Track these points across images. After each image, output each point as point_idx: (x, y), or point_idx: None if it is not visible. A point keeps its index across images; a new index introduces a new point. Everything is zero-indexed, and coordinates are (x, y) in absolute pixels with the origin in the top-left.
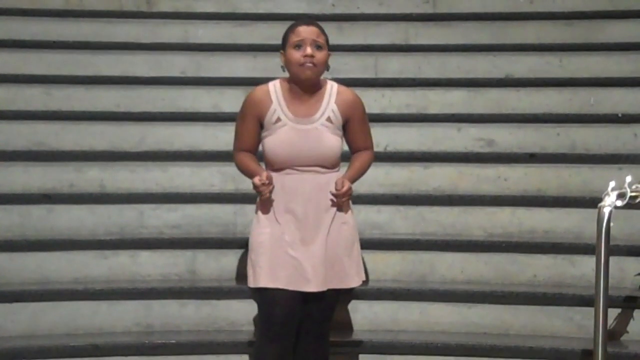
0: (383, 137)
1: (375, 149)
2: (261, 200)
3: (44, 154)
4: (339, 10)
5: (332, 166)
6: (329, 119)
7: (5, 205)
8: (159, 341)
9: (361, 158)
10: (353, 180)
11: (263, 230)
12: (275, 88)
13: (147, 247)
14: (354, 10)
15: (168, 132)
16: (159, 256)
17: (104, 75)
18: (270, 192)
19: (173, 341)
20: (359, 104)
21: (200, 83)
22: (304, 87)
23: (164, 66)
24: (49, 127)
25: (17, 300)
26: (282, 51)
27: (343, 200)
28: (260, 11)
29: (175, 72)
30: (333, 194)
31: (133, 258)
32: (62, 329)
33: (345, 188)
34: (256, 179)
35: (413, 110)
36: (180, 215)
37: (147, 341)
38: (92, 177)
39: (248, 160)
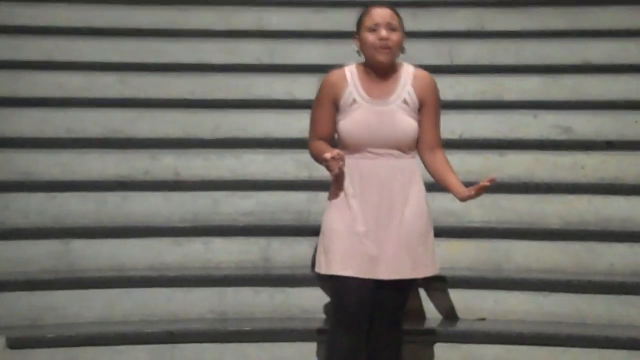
0: (458, 124)
1: (450, 136)
2: (333, 178)
3: (119, 142)
4: None
5: (408, 150)
6: (405, 101)
7: (81, 192)
8: (233, 328)
9: (446, 164)
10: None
11: (336, 217)
12: (351, 71)
13: (221, 234)
14: None
15: (242, 119)
16: (232, 243)
17: (178, 62)
18: (341, 168)
19: (247, 328)
20: (435, 87)
21: (274, 70)
22: (380, 69)
23: (238, 53)
24: (124, 114)
25: (92, 287)
26: (356, 35)
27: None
28: None
29: (249, 59)
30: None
31: (207, 245)
32: (136, 315)
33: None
34: (327, 154)
35: (488, 97)
36: (253, 202)
37: (221, 328)
38: (167, 164)
39: (321, 144)
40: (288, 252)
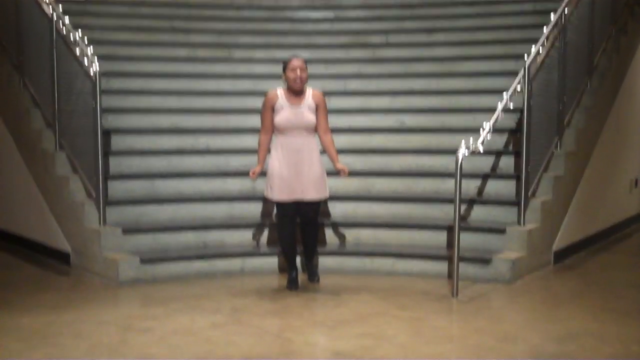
0: (346, 121)
1: (341, 125)
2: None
3: (178, 130)
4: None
5: (311, 131)
6: (308, 107)
7: (159, 156)
8: (240, 223)
9: (332, 144)
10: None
11: (276, 166)
12: (280, 91)
13: (232, 176)
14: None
15: (241, 119)
16: (237, 181)
17: (208, 90)
18: (254, 176)
19: (246, 221)
20: (323, 98)
21: (257, 94)
22: (296, 91)
23: (239, 86)
24: (180, 116)
25: (165, 203)
26: (283, 73)
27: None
28: (285, 57)
29: (244, 89)
30: (342, 172)
31: (224, 182)
32: (188, 217)
33: (345, 168)
34: (250, 172)
35: (363, 107)
36: (247, 160)
37: (231, 222)
38: (203, 142)
39: (262, 148)
40: (262, 186)
